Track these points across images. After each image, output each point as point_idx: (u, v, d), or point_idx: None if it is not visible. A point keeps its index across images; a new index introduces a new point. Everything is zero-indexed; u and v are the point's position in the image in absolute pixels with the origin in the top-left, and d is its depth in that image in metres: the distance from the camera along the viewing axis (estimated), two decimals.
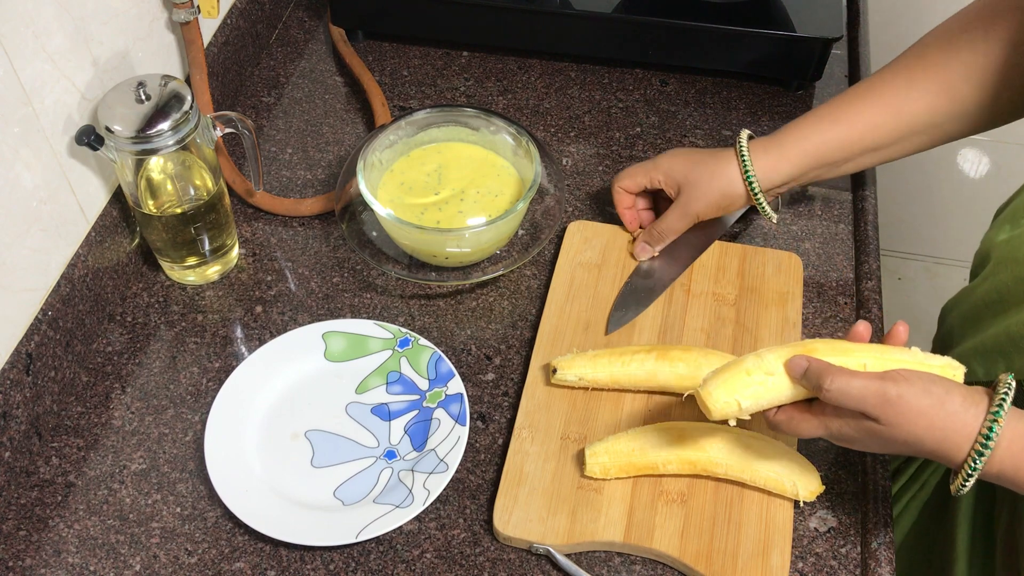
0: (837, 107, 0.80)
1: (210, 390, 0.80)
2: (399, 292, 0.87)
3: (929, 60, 0.77)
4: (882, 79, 0.79)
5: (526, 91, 1.05)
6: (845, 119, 0.80)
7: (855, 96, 0.80)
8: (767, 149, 0.81)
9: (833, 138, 0.80)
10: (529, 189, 0.84)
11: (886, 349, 0.64)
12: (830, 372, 0.61)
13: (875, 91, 0.79)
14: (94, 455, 0.77)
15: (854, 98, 0.80)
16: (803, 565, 0.71)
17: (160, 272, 0.88)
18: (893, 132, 0.79)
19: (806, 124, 0.81)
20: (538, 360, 0.80)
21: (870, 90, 0.79)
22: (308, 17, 1.14)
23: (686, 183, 0.83)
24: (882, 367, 0.62)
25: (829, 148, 0.80)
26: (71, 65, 0.77)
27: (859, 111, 0.79)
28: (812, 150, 0.80)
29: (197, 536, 0.72)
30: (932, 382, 0.60)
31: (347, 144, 1.00)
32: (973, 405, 0.60)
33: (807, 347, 0.63)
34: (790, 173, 0.81)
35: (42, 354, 0.76)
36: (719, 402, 0.62)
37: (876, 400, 0.60)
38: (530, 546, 0.71)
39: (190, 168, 0.82)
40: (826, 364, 0.61)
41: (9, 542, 0.72)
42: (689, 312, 0.84)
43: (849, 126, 0.79)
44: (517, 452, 0.75)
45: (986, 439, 0.58)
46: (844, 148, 0.80)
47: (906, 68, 0.78)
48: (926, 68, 0.77)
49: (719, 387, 0.63)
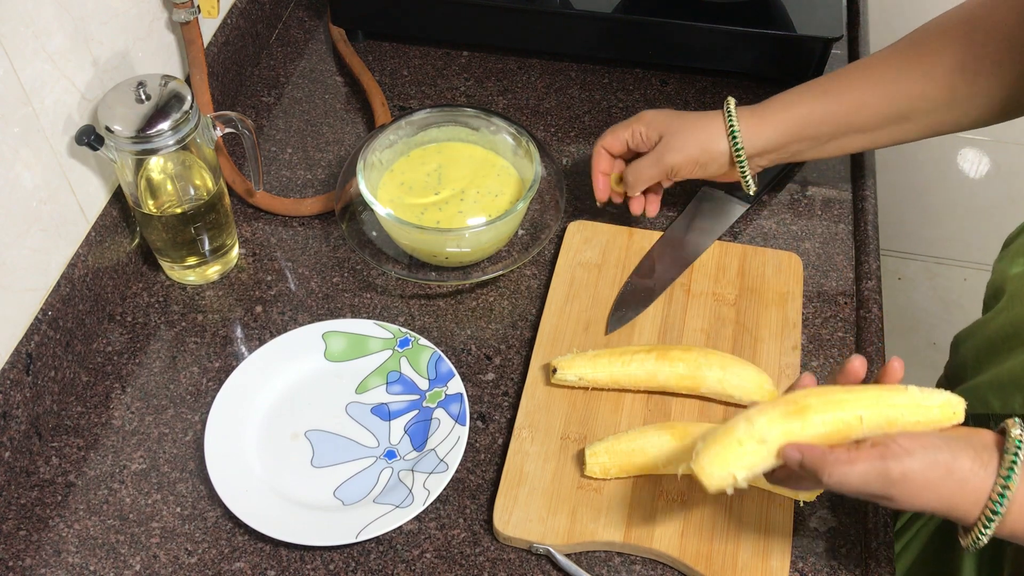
0: (828, 81, 0.80)
1: (210, 390, 0.80)
2: (399, 292, 0.87)
3: (925, 47, 0.76)
4: (877, 59, 0.78)
5: (526, 91, 1.05)
6: (834, 93, 0.79)
7: (848, 73, 0.79)
8: (752, 112, 0.80)
9: (819, 110, 0.78)
10: (529, 189, 0.84)
11: (882, 393, 0.60)
12: (826, 463, 0.57)
13: (868, 70, 0.78)
14: (94, 455, 0.77)
15: (846, 75, 0.79)
16: (803, 565, 0.71)
17: (160, 272, 0.88)
18: (881, 114, 0.78)
19: (794, 93, 0.80)
20: (538, 360, 0.80)
21: (863, 69, 0.79)
22: (308, 17, 1.14)
23: (667, 131, 0.81)
24: (880, 417, 0.59)
25: (814, 120, 0.79)
26: (71, 65, 0.77)
27: (849, 87, 0.78)
28: (797, 119, 0.79)
29: (197, 536, 0.72)
30: (937, 450, 0.56)
31: (347, 144, 1.00)
32: (982, 467, 0.56)
33: (799, 405, 0.60)
34: (773, 139, 0.80)
35: (42, 354, 0.76)
36: (714, 477, 0.59)
37: (880, 483, 0.56)
38: (530, 546, 0.71)
39: (190, 168, 0.82)
40: (820, 453, 0.58)
41: (9, 542, 0.72)
42: (689, 312, 0.84)
43: (837, 101, 0.78)
44: (517, 452, 0.75)
45: (997, 503, 0.56)
46: (829, 123, 0.79)
47: (901, 52, 0.78)
48: (921, 54, 0.76)
49: (712, 462, 0.60)
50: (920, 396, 0.60)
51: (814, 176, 0.97)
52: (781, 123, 0.79)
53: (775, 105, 0.80)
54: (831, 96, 0.79)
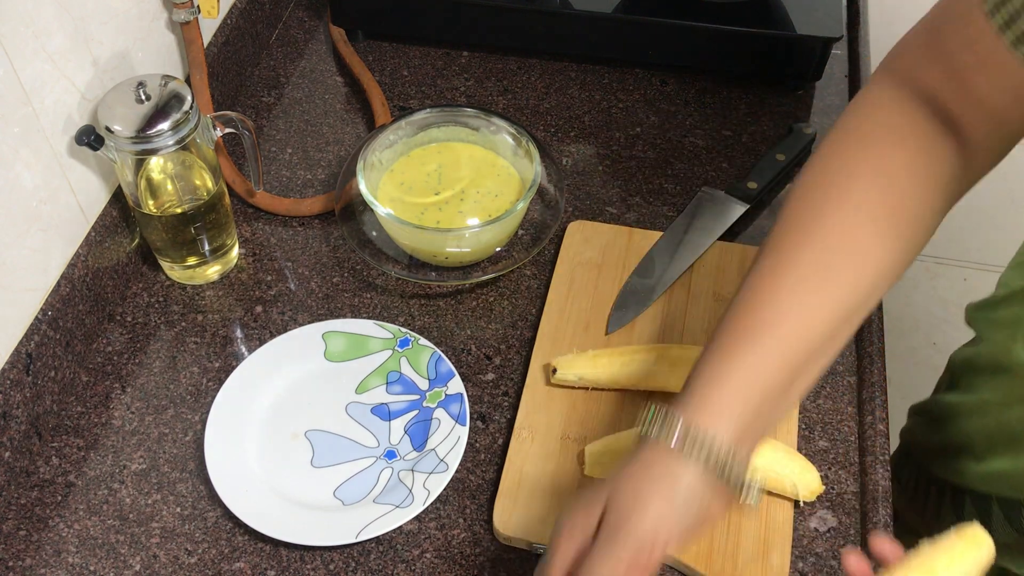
0: (751, 316, 0.57)
1: (210, 390, 0.80)
2: (399, 292, 0.87)
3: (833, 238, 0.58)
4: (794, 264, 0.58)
5: (526, 91, 1.05)
6: (770, 335, 0.56)
7: (771, 295, 0.57)
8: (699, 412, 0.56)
9: (769, 363, 0.56)
10: (529, 189, 0.84)
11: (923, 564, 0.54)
12: None
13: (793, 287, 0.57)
14: (94, 455, 0.77)
15: (772, 300, 0.57)
16: (803, 565, 0.71)
17: (160, 272, 0.88)
18: (836, 318, 0.58)
19: (724, 357, 0.57)
20: (538, 360, 0.80)
21: (789, 288, 0.57)
22: (308, 17, 1.14)
23: (610, 499, 0.56)
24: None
25: (771, 377, 0.56)
26: (71, 65, 0.77)
27: (787, 315, 0.57)
28: (754, 391, 0.56)
29: (197, 536, 0.72)
30: None
31: (347, 144, 1.00)
32: None
33: None
34: (733, 427, 0.55)
35: (42, 354, 0.76)
36: None
37: None
38: (530, 546, 0.71)
39: (190, 168, 0.82)
40: None
41: (9, 542, 0.72)
42: (689, 312, 0.84)
43: (779, 341, 0.56)
44: (517, 452, 0.75)
45: None
46: (788, 367, 0.57)
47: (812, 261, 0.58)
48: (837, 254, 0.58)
49: None
50: (956, 550, 0.55)
51: None
52: (736, 405, 0.55)
53: (715, 390, 0.56)
54: (767, 341, 0.56)
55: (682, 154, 0.99)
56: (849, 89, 1.05)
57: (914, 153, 0.60)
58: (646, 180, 0.96)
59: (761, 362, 0.56)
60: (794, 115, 1.02)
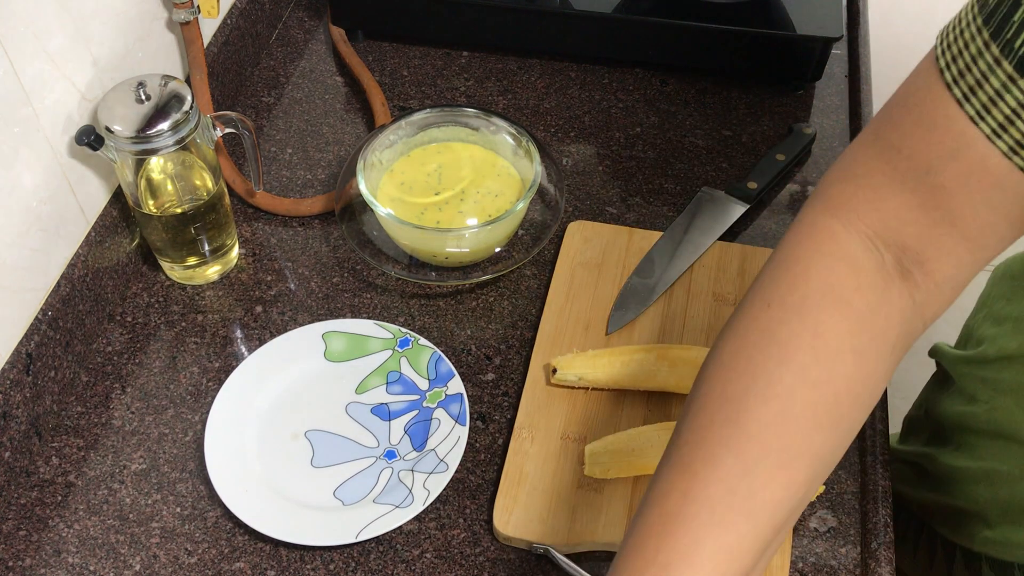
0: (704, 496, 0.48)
1: (210, 390, 0.80)
2: (399, 292, 0.87)
3: None
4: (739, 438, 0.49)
5: (526, 91, 1.05)
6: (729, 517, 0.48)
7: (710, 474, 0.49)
8: None
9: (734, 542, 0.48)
10: (529, 189, 0.84)
11: None
12: None
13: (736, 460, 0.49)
14: (94, 455, 0.77)
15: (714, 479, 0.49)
16: (803, 565, 0.71)
17: (160, 272, 0.88)
18: (811, 477, 0.50)
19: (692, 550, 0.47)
20: (538, 360, 0.80)
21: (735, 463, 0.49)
22: (308, 17, 1.14)
23: None
24: None
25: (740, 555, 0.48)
26: (71, 65, 0.77)
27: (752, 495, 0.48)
28: None
29: (197, 536, 0.72)
30: None
31: (347, 144, 1.00)
32: None
33: None
34: None
35: (42, 354, 0.76)
36: None
37: None
38: (530, 546, 0.71)
39: (190, 168, 0.82)
40: None
41: (9, 542, 0.72)
42: (689, 312, 0.84)
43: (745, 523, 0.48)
44: (517, 452, 0.75)
45: None
46: (757, 546, 0.49)
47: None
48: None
49: None
50: None
51: (814, 176, 0.97)
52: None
53: None
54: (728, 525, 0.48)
55: (682, 154, 0.99)
56: (849, 89, 1.05)
57: (859, 317, 0.50)
58: (646, 180, 0.96)
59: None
60: (794, 115, 1.02)
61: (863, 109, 1.01)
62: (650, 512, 0.50)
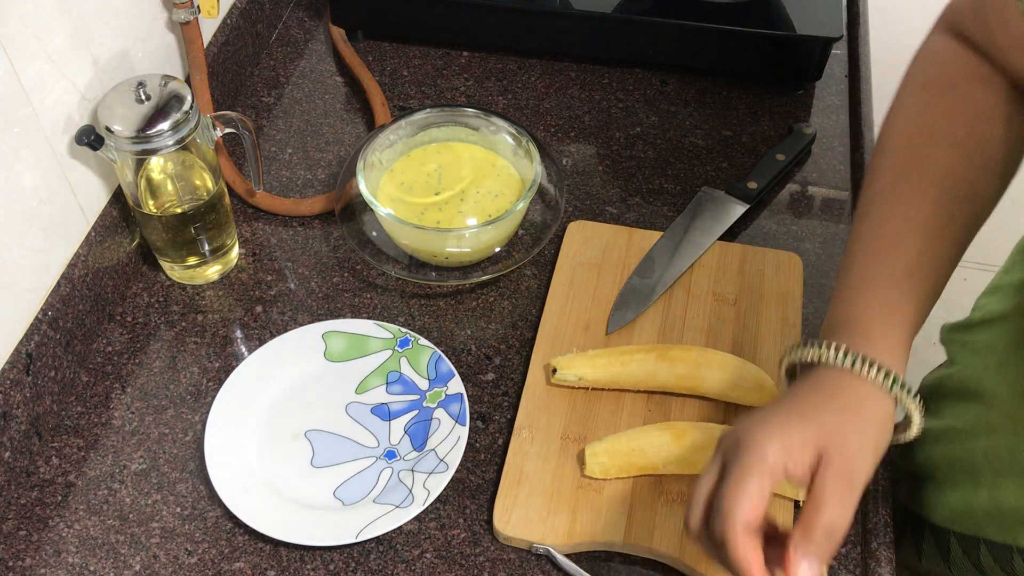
0: (898, 257, 0.61)
1: (210, 390, 0.80)
2: (399, 292, 0.87)
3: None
4: (921, 207, 0.62)
5: (526, 91, 1.05)
6: (915, 274, 0.61)
7: (910, 238, 0.61)
8: (871, 353, 0.58)
9: (915, 307, 0.60)
10: (529, 189, 0.84)
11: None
12: None
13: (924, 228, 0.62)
14: (94, 455, 0.77)
15: (910, 244, 0.61)
16: None
17: (160, 272, 0.88)
18: (955, 253, 0.63)
19: (877, 295, 0.60)
20: (538, 360, 0.80)
21: (926, 234, 0.61)
22: (308, 17, 1.14)
23: (829, 438, 0.54)
24: None
25: (916, 321, 0.60)
26: (71, 65, 0.77)
27: (930, 264, 0.61)
28: (907, 334, 0.59)
29: (197, 536, 0.72)
30: None
31: (347, 144, 1.00)
32: None
33: None
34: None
35: (42, 354, 0.76)
36: None
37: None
38: (530, 546, 0.71)
39: (190, 168, 0.82)
40: None
41: (9, 542, 0.72)
42: (689, 312, 0.84)
43: (922, 282, 0.61)
44: (517, 452, 0.75)
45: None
46: (925, 310, 0.61)
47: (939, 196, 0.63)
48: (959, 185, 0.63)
49: None
50: None
51: (814, 176, 0.97)
52: (898, 345, 0.59)
53: (870, 325, 0.59)
54: (916, 276, 0.60)
55: (682, 154, 0.99)
56: (849, 89, 1.05)
57: (999, 94, 0.64)
58: (646, 180, 0.96)
59: (911, 307, 0.59)
60: (794, 115, 1.02)
61: (863, 109, 1.01)
62: (867, 237, 0.62)
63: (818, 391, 0.57)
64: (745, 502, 0.53)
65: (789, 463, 0.54)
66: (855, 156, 0.98)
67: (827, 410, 0.55)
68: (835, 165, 0.98)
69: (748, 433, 0.54)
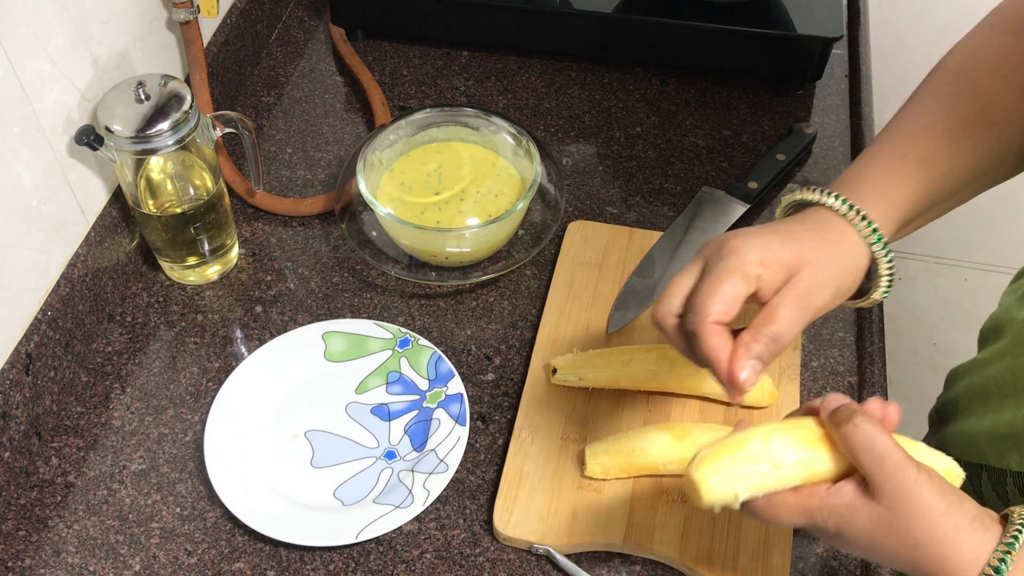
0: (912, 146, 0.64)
1: (210, 390, 0.80)
2: (399, 292, 0.87)
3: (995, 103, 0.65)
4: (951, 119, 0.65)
5: (526, 91, 1.05)
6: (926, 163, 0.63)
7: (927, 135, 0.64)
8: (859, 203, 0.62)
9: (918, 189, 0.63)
10: (529, 189, 0.84)
11: (898, 441, 0.55)
12: (863, 413, 0.53)
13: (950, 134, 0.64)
14: (94, 455, 0.77)
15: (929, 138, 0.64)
16: (803, 565, 0.71)
17: (160, 272, 0.88)
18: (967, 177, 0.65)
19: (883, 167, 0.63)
20: (538, 360, 0.80)
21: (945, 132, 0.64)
22: (308, 17, 1.14)
23: (803, 263, 0.58)
24: None
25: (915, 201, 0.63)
26: (71, 65, 0.77)
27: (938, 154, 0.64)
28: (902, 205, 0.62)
29: (197, 536, 0.72)
30: (948, 487, 0.52)
31: (347, 144, 1.00)
32: (983, 528, 0.51)
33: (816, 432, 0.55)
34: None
35: (42, 354, 0.76)
36: (714, 492, 0.53)
37: (893, 468, 0.51)
38: (530, 546, 0.71)
39: (190, 168, 0.82)
40: (859, 407, 0.54)
41: (9, 542, 0.72)
42: None
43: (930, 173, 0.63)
44: (517, 452, 0.75)
45: (996, 571, 0.50)
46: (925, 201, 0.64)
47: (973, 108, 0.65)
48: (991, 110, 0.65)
49: (717, 474, 0.53)
50: (928, 455, 0.56)
51: (814, 176, 0.97)
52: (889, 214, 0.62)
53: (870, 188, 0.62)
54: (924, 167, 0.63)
55: (682, 154, 0.99)
56: (849, 89, 1.05)
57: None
58: (646, 180, 0.96)
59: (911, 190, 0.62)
60: (794, 115, 1.02)
61: (863, 109, 1.01)
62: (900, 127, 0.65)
63: (807, 225, 0.60)
64: (721, 300, 0.56)
65: (765, 275, 0.57)
66: (855, 156, 0.98)
67: (810, 241, 0.59)
68: (835, 165, 0.98)
69: (733, 240, 0.58)
